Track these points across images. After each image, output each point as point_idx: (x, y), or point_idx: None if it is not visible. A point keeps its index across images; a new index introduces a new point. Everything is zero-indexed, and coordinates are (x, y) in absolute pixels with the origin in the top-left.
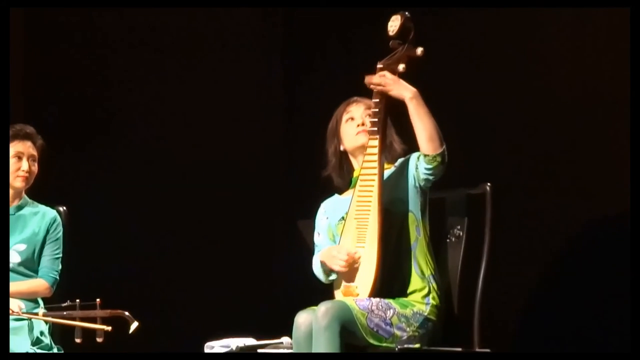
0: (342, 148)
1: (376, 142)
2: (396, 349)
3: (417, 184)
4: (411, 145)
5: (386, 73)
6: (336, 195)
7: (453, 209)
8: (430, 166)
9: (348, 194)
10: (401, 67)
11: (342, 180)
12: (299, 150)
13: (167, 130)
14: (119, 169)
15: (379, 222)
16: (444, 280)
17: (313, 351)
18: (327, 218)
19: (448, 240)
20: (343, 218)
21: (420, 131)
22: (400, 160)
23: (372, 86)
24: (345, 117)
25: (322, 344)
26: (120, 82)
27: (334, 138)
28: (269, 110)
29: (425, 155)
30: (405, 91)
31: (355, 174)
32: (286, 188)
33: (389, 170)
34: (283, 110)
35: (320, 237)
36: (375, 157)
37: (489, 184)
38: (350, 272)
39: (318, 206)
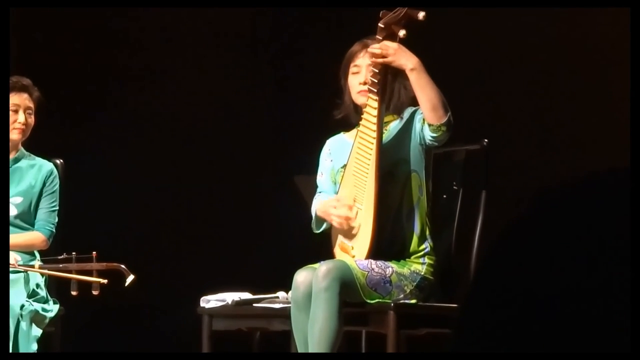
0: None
1: (376, 104)
2: (392, 304)
3: (421, 142)
4: None
5: (388, 42)
6: (342, 135)
7: (450, 164)
8: (435, 135)
9: (353, 136)
10: (402, 33)
11: (356, 118)
12: (292, 104)
13: (162, 87)
14: (116, 122)
15: (375, 188)
16: (441, 237)
17: (311, 311)
18: (332, 161)
19: (445, 196)
20: (344, 166)
21: (423, 102)
22: (407, 112)
23: (373, 58)
24: (352, 68)
25: (321, 305)
26: (116, 36)
27: (346, 83)
28: (260, 66)
29: (429, 125)
30: (406, 62)
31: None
32: (281, 142)
33: (394, 122)
34: (274, 65)
35: (323, 177)
36: (375, 120)
37: (486, 140)
38: (347, 230)
39: (313, 160)
